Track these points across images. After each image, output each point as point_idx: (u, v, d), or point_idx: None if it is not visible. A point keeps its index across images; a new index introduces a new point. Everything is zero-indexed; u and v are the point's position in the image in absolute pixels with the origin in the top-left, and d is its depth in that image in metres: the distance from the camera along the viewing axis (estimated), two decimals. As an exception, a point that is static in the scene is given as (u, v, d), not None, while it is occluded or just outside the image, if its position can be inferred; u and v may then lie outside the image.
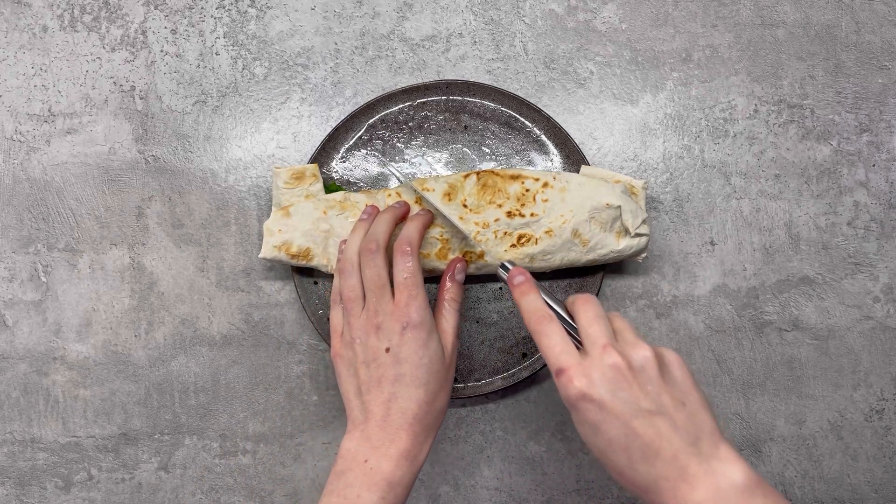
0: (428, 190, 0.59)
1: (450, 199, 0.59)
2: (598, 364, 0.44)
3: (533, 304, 0.49)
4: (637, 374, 0.44)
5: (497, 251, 0.60)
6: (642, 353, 0.45)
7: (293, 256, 0.60)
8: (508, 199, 0.59)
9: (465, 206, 0.59)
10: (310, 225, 0.60)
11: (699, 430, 0.43)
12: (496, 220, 0.59)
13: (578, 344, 0.47)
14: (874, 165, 0.66)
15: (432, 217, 0.59)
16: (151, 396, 0.65)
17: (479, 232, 0.59)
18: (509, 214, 0.59)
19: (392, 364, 0.50)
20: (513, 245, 0.60)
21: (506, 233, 0.59)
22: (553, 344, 0.46)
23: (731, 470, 0.42)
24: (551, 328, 0.47)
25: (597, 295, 0.62)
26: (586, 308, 0.48)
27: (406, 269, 0.52)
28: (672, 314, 0.65)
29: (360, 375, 0.52)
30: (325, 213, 0.60)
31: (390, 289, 0.52)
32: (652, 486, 0.43)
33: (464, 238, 0.60)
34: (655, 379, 0.44)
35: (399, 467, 0.49)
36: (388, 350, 0.51)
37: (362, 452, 0.50)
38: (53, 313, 0.65)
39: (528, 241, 0.59)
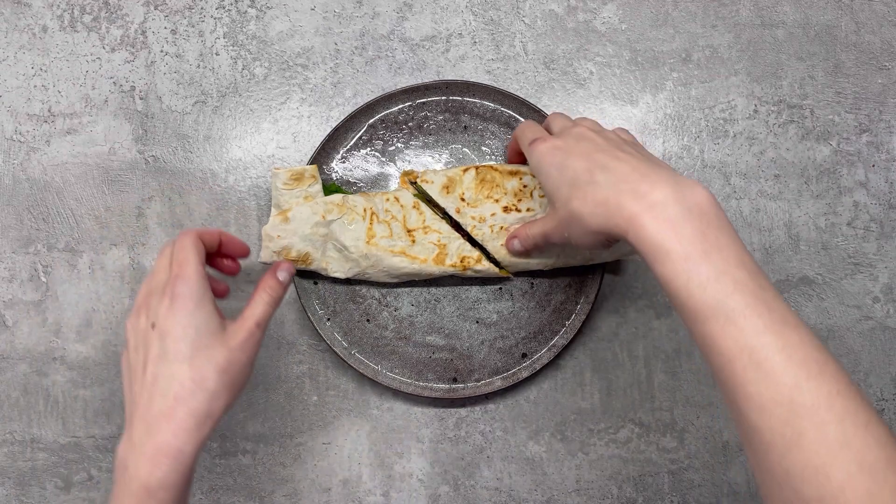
0: (426, 182, 0.60)
1: (448, 192, 0.60)
2: (569, 131, 0.51)
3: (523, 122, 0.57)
4: (600, 133, 0.50)
5: (493, 245, 0.60)
6: (610, 130, 0.52)
7: (293, 261, 0.60)
8: (506, 194, 0.60)
9: (462, 199, 0.60)
10: (309, 229, 0.60)
11: (661, 164, 0.47)
12: (493, 214, 0.60)
13: None
14: (874, 166, 0.66)
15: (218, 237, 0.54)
16: (151, 396, 0.65)
17: (475, 226, 0.60)
18: (506, 209, 0.60)
19: (157, 341, 0.45)
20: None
21: (502, 227, 0.60)
22: (531, 129, 0.54)
23: (694, 188, 0.43)
24: (530, 124, 0.55)
25: (596, 295, 0.62)
26: (554, 116, 0.55)
27: (178, 245, 0.48)
28: (672, 314, 0.65)
29: (130, 364, 0.47)
30: (323, 217, 0.60)
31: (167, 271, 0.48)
32: (610, 195, 0.44)
33: (461, 243, 0.60)
34: (620, 141, 0.50)
35: (158, 467, 0.43)
36: (153, 326, 0.46)
37: (123, 457, 0.44)
38: (53, 313, 0.65)
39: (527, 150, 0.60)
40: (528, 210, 0.59)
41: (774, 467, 0.36)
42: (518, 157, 0.60)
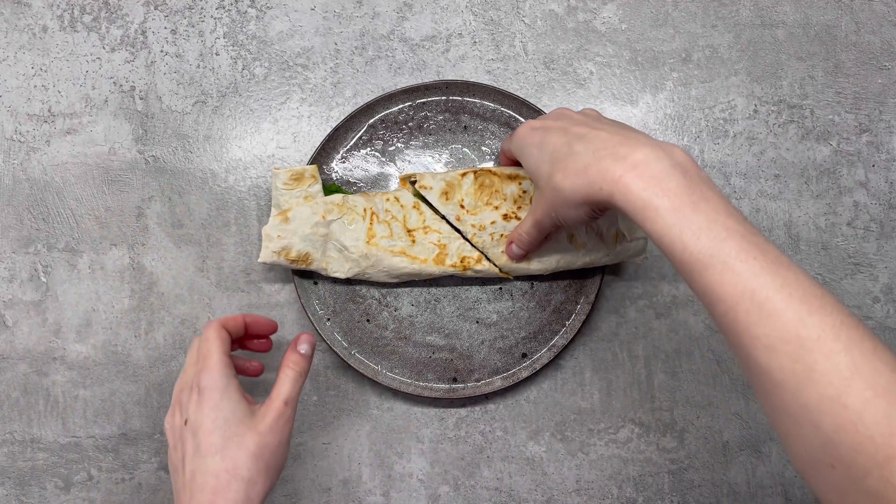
0: (425, 188, 0.60)
1: (447, 199, 0.60)
2: (549, 115, 0.53)
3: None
4: (581, 113, 0.51)
5: (493, 252, 0.60)
6: (586, 114, 0.52)
7: (292, 261, 0.60)
8: (505, 200, 0.60)
9: (462, 206, 0.60)
10: (308, 229, 0.60)
11: (634, 130, 0.47)
12: (492, 222, 0.60)
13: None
14: (874, 165, 0.66)
15: (243, 326, 0.54)
16: (151, 396, 0.65)
17: (475, 234, 0.60)
18: (505, 217, 0.59)
19: (190, 437, 0.46)
20: None
21: (502, 234, 0.60)
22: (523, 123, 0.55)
23: (675, 148, 0.44)
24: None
25: (596, 295, 0.62)
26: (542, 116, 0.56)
27: (203, 338, 0.49)
28: (672, 314, 0.65)
29: (172, 462, 0.48)
30: (323, 217, 0.60)
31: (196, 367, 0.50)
32: (591, 163, 0.44)
33: (461, 243, 0.60)
34: (600, 118, 0.51)
35: None
36: (186, 423, 0.47)
37: None
38: (53, 313, 0.65)
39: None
40: None
41: (789, 405, 0.36)
42: (510, 161, 0.60)
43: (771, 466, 0.65)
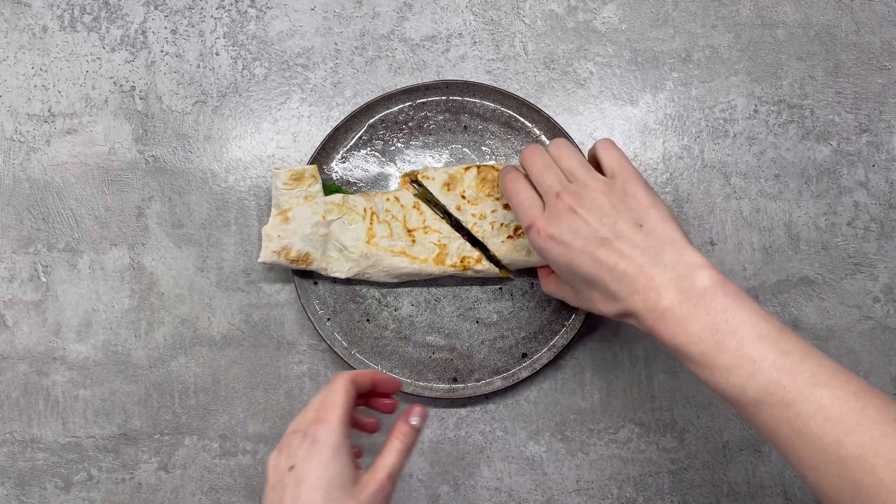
0: (427, 178, 0.60)
1: (449, 190, 0.60)
2: (557, 211, 0.49)
3: (506, 170, 0.55)
4: (590, 211, 0.48)
5: (494, 242, 0.60)
6: (591, 192, 0.49)
7: (293, 261, 0.60)
8: None
9: (463, 196, 0.60)
10: (309, 229, 0.60)
11: (660, 243, 0.46)
12: (493, 211, 0.60)
13: None
14: (874, 165, 0.66)
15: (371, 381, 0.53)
16: (151, 396, 0.65)
17: (475, 223, 0.60)
18: (506, 207, 0.60)
19: (292, 486, 0.46)
20: (509, 237, 0.60)
21: (502, 224, 0.60)
22: (522, 200, 0.51)
23: (696, 275, 0.44)
24: (519, 185, 0.52)
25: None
26: (532, 160, 0.52)
27: (331, 388, 0.49)
28: (672, 314, 0.65)
29: (268, 500, 0.47)
30: (323, 217, 0.60)
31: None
32: (629, 306, 0.46)
33: (461, 243, 0.60)
34: (609, 210, 0.48)
35: None
36: (291, 468, 0.46)
37: None
38: (53, 313, 0.65)
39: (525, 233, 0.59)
40: None
41: None
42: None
43: (771, 466, 0.65)
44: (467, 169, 0.61)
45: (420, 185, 0.62)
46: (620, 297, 0.46)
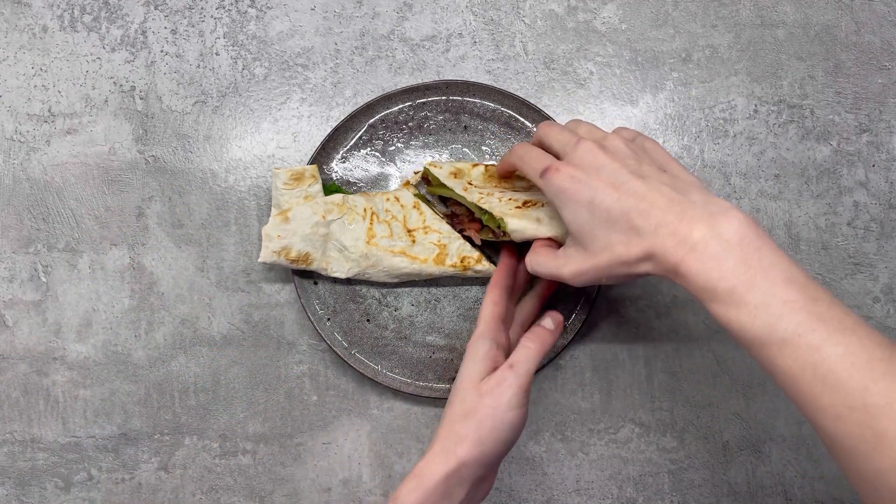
0: (435, 166, 0.60)
1: (455, 178, 0.60)
2: (579, 153, 0.47)
3: (514, 147, 0.54)
4: (614, 153, 0.47)
5: (502, 209, 0.56)
6: (613, 140, 0.48)
7: (293, 261, 0.60)
8: (514, 191, 0.59)
9: (470, 183, 0.60)
10: (309, 229, 0.60)
11: (687, 185, 0.45)
12: (501, 191, 0.58)
13: None
14: (874, 165, 0.66)
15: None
16: (151, 396, 0.65)
17: (482, 198, 0.57)
18: (514, 190, 0.59)
19: (457, 380, 0.52)
20: (518, 207, 0.56)
21: (511, 199, 0.57)
22: (533, 155, 0.50)
23: (728, 213, 0.42)
24: (527, 146, 0.52)
25: (596, 295, 0.62)
26: (548, 131, 0.51)
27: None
28: (672, 314, 0.65)
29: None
30: (323, 217, 0.60)
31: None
32: (655, 241, 0.43)
33: (461, 243, 0.60)
34: (632, 155, 0.47)
35: (405, 485, 0.47)
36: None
37: None
38: (53, 313, 0.65)
39: (535, 205, 0.56)
40: (535, 201, 0.57)
41: (863, 469, 0.37)
42: (509, 174, 0.59)
43: (771, 466, 0.65)
44: (475, 165, 0.61)
45: (421, 183, 0.62)
46: (645, 231, 0.43)
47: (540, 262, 0.52)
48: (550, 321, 0.54)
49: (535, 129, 0.63)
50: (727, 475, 0.65)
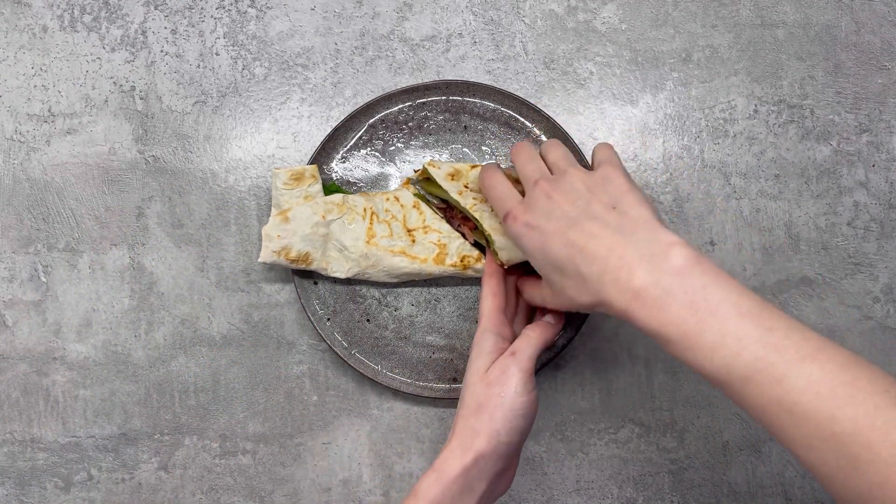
0: (433, 166, 0.60)
1: (453, 179, 0.60)
2: (533, 198, 0.49)
3: (485, 167, 0.56)
4: (566, 195, 0.48)
5: (491, 223, 0.57)
6: (569, 178, 0.49)
7: (293, 261, 0.60)
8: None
9: (466, 186, 0.60)
10: (309, 229, 0.60)
11: (634, 223, 0.45)
12: None
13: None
14: (874, 165, 0.66)
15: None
16: (151, 396, 0.65)
17: (474, 205, 0.58)
18: None
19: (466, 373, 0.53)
20: None
21: None
22: (499, 193, 0.52)
23: (670, 252, 0.42)
24: (496, 179, 0.54)
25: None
26: (520, 153, 0.54)
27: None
28: (672, 314, 0.65)
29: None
30: (323, 217, 0.60)
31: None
32: (600, 289, 0.43)
33: (461, 243, 0.60)
34: (584, 193, 0.47)
35: (426, 477, 0.48)
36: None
37: None
38: (53, 313, 0.65)
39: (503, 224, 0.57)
40: None
41: (843, 492, 0.37)
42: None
43: (771, 466, 0.65)
44: (473, 167, 0.61)
45: (421, 180, 0.62)
46: (591, 280, 0.44)
47: (528, 293, 0.56)
48: (551, 316, 0.55)
49: (534, 130, 0.63)
50: (727, 475, 0.65)
